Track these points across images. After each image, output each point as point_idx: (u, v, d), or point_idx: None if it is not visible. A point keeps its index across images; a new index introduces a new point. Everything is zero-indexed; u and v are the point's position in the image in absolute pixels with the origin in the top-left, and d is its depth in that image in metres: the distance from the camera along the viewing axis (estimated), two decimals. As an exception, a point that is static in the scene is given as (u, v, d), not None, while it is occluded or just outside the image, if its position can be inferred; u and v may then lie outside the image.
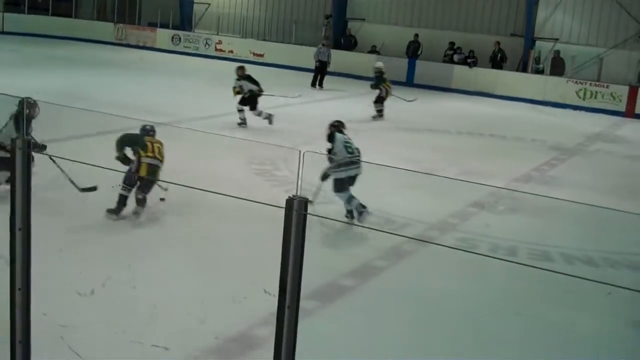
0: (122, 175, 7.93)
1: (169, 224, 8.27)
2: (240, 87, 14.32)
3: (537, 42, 24.48)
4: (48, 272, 5.88)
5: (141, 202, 7.99)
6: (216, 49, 28.60)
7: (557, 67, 23.39)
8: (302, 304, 3.24)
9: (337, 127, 9.00)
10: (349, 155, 8.46)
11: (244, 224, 7.95)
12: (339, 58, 25.98)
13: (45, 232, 4.89)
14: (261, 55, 27.25)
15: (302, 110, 17.41)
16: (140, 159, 8.00)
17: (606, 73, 22.49)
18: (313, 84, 22.71)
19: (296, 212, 3.23)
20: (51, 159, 7.34)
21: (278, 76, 23.95)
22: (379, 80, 17.25)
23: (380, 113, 17.06)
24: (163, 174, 8.17)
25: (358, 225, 8.10)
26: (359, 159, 8.38)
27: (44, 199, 7.52)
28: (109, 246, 7.37)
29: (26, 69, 20.34)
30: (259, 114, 14.26)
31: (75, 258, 6.91)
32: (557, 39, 24.26)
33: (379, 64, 17.87)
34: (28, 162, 4.03)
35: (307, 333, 3.36)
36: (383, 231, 8.00)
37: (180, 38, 29.38)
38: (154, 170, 8.02)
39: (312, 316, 5.98)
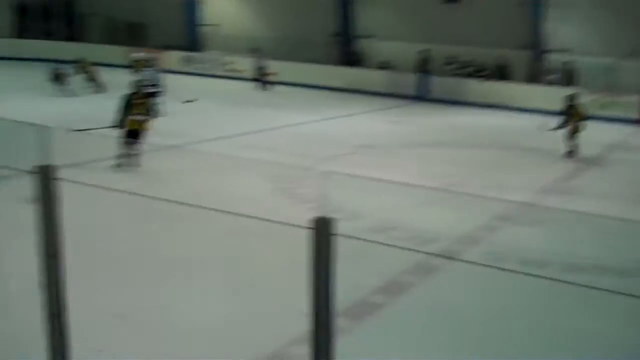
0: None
1: (200, 245, 8.21)
2: None
3: (547, 54, 24.37)
4: (82, 296, 5.81)
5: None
6: (226, 69, 28.62)
7: (569, 78, 23.27)
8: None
9: None
10: None
11: (272, 243, 7.92)
12: (346, 75, 26.02)
13: (77, 255, 4.83)
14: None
15: (314, 129, 17.37)
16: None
17: (618, 83, 22.38)
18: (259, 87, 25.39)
19: (324, 231, 3.17)
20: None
21: (289, 94, 24.05)
22: (137, 68, 18.52)
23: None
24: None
25: (385, 244, 7.94)
26: None
27: (74, 223, 7.45)
28: (142, 269, 7.32)
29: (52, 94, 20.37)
30: None
31: (110, 281, 6.87)
32: (567, 50, 24.17)
33: (134, 55, 19.81)
34: (54, 188, 3.95)
35: (341, 352, 3.28)
36: (410, 249, 7.86)
37: (190, 59, 29.40)
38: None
39: (345, 335, 5.86)
